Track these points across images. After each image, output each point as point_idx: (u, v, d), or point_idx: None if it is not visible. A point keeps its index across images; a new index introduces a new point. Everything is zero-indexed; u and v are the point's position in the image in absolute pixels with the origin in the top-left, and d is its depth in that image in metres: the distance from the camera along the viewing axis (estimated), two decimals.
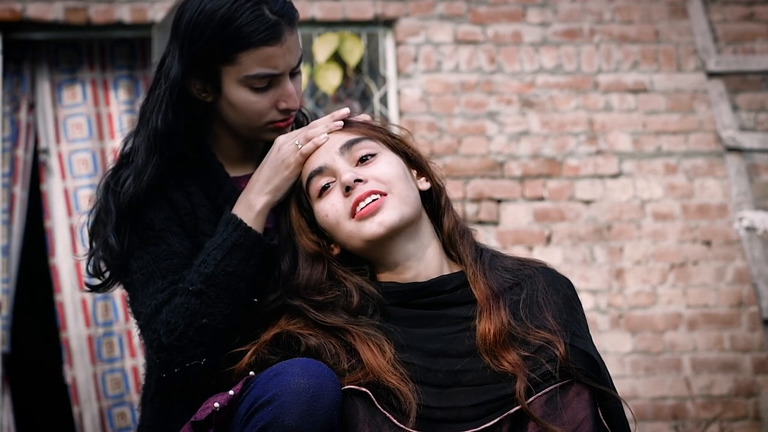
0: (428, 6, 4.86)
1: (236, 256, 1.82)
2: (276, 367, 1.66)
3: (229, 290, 1.81)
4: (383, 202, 1.80)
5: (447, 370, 1.75)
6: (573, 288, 1.90)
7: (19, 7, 4.67)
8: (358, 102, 4.89)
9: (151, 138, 1.90)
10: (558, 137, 4.83)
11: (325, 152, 1.86)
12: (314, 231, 1.88)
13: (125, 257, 1.90)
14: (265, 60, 1.88)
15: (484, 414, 1.71)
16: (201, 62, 1.89)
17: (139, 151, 1.91)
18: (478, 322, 1.79)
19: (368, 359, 1.72)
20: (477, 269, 1.86)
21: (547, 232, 4.76)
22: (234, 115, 1.94)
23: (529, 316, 1.80)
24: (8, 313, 4.68)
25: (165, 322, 1.80)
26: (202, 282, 1.81)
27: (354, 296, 1.80)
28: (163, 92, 1.91)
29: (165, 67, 1.93)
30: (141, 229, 1.90)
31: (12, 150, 4.84)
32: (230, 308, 1.81)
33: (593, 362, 1.77)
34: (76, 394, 4.80)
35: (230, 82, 1.90)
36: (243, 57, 1.87)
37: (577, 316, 1.84)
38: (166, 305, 1.82)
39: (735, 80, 4.85)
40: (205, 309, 1.79)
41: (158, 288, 1.85)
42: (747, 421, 4.67)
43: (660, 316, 4.73)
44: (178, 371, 1.80)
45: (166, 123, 1.90)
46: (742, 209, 4.33)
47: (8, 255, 4.73)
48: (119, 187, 1.90)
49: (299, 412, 1.59)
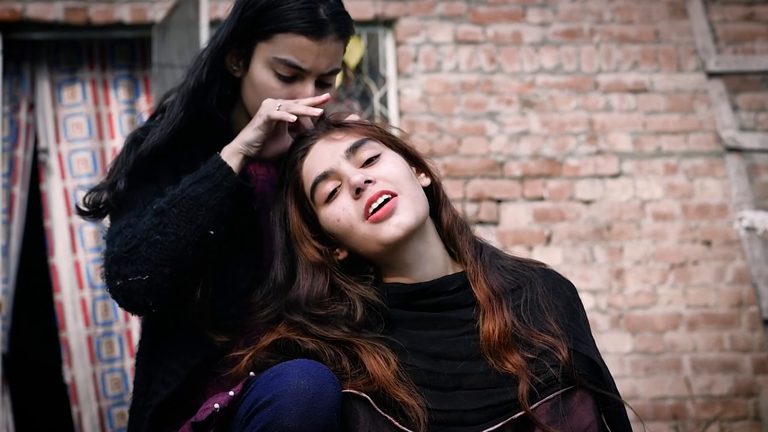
0: (428, 6, 4.86)
1: (204, 184, 1.86)
2: (276, 368, 1.66)
3: (188, 214, 1.84)
4: (397, 203, 1.78)
5: (449, 373, 1.74)
6: (575, 291, 1.89)
7: (19, 7, 4.67)
8: (358, 102, 4.89)
9: (183, 95, 2.00)
10: (558, 137, 4.83)
11: (330, 156, 1.83)
12: (316, 238, 1.85)
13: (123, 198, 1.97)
14: (297, 49, 1.95)
15: (487, 418, 1.70)
16: (243, 32, 1.96)
17: (172, 107, 2.00)
18: (482, 323, 1.77)
19: (375, 371, 1.70)
20: (477, 267, 1.84)
21: (547, 232, 4.76)
22: (252, 96, 1.99)
23: (531, 319, 1.79)
24: (8, 314, 4.68)
25: (123, 236, 1.86)
26: (166, 202, 1.86)
27: (357, 310, 1.77)
28: (206, 55, 2.00)
29: (216, 32, 2.03)
30: (144, 182, 1.97)
31: (12, 150, 4.84)
32: (184, 231, 1.84)
33: (596, 367, 1.76)
34: (76, 394, 4.79)
35: (260, 59, 1.96)
36: (279, 38, 1.94)
37: (578, 320, 1.83)
38: (130, 226, 1.88)
39: (735, 80, 4.85)
40: (162, 228, 1.84)
41: (133, 214, 1.92)
42: (747, 421, 4.67)
43: (660, 316, 4.73)
44: (119, 284, 1.83)
45: (199, 82, 1.98)
46: (742, 209, 4.33)
47: (7, 255, 4.72)
48: (146, 136, 1.99)
49: (299, 414, 1.58)
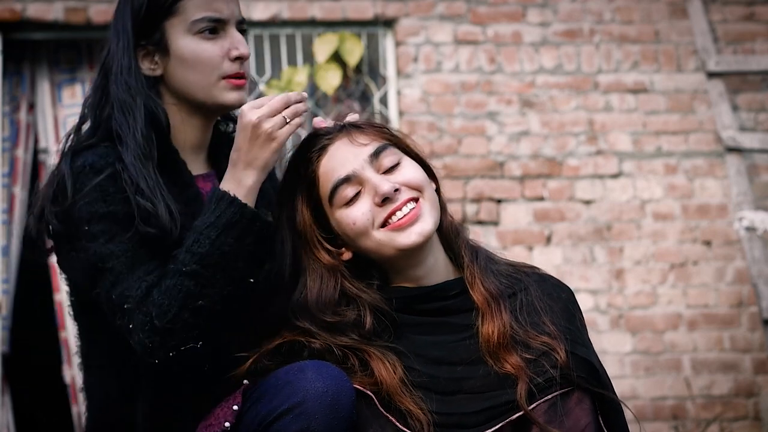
0: (428, 6, 4.86)
1: (232, 234, 1.73)
2: (284, 376, 1.65)
3: (225, 270, 1.72)
4: (420, 210, 1.78)
5: (450, 377, 1.75)
6: (572, 294, 1.90)
7: (19, 7, 4.67)
8: (358, 102, 4.89)
9: (123, 102, 1.87)
10: (558, 137, 4.83)
11: (353, 159, 1.81)
12: (326, 239, 1.83)
13: (96, 247, 1.78)
14: (207, 3, 1.90)
15: (486, 420, 1.72)
16: (144, 24, 1.89)
17: (120, 129, 1.85)
18: (481, 326, 1.79)
19: (384, 377, 1.70)
20: (474, 270, 1.85)
21: (547, 232, 4.76)
22: (187, 74, 1.91)
23: (528, 322, 1.80)
24: (8, 314, 4.68)
25: (157, 305, 1.70)
26: (196, 262, 1.71)
27: (367, 318, 1.76)
28: (118, 63, 1.90)
29: (111, 48, 1.93)
30: (123, 215, 1.80)
31: (12, 150, 4.84)
32: (227, 289, 1.72)
33: (594, 369, 1.77)
34: (76, 394, 4.79)
35: (177, 35, 1.90)
36: (185, 4, 1.89)
37: (576, 323, 1.84)
38: (155, 287, 1.72)
39: (735, 80, 4.85)
40: (201, 290, 1.70)
41: (147, 270, 1.75)
42: (747, 422, 4.67)
43: (660, 316, 4.73)
44: (173, 355, 1.69)
45: (131, 97, 1.87)
46: (742, 209, 4.33)
47: (8, 255, 4.72)
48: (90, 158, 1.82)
49: (324, 416, 1.59)
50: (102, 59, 1.98)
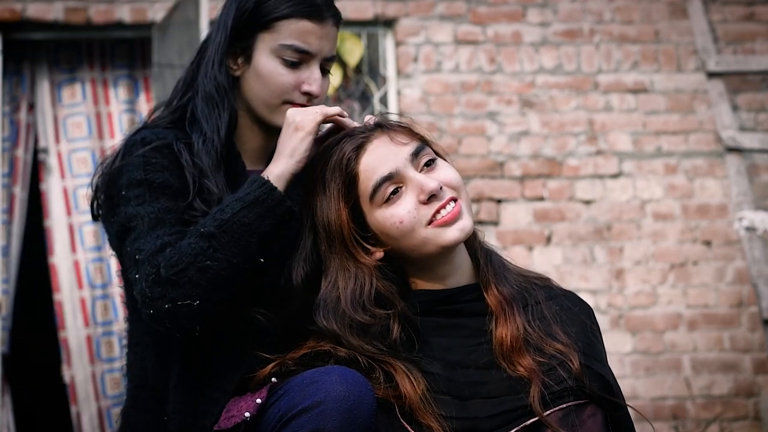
0: (428, 6, 4.86)
1: (255, 210, 1.80)
2: (309, 376, 1.66)
3: (240, 241, 1.78)
4: (460, 208, 1.80)
5: (465, 382, 1.76)
6: (588, 309, 1.90)
7: (19, 7, 4.67)
8: (358, 102, 4.90)
9: (205, 99, 1.99)
10: (558, 137, 4.83)
11: (394, 157, 1.81)
12: (363, 238, 1.83)
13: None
14: (301, 34, 1.97)
15: (500, 425, 1.73)
16: (243, 27, 1.98)
17: (200, 115, 1.98)
18: (495, 329, 1.80)
19: (408, 391, 1.71)
20: (489, 272, 1.87)
21: (547, 232, 4.76)
22: (257, 87, 1.99)
23: (541, 328, 1.82)
24: (8, 314, 4.68)
25: (167, 258, 1.76)
26: (215, 226, 1.78)
27: (395, 328, 1.76)
28: (213, 54, 2.00)
29: (212, 33, 2.03)
30: (159, 183, 1.90)
31: (12, 150, 4.84)
32: (237, 258, 1.77)
33: (609, 386, 1.78)
34: (75, 394, 4.79)
35: (263, 50, 1.98)
36: (282, 25, 1.97)
37: (590, 337, 1.85)
38: (170, 246, 1.79)
39: (735, 80, 4.85)
40: (212, 252, 1.76)
41: (167, 232, 1.83)
42: (747, 421, 4.67)
43: (660, 316, 4.73)
44: (168, 307, 1.74)
45: (218, 82, 1.99)
46: (742, 209, 4.33)
47: (8, 255, 4.72)
48: (186, 149, 1.94)
49: (340, 420, 1.60)
50: (201, 42, 2.08)
